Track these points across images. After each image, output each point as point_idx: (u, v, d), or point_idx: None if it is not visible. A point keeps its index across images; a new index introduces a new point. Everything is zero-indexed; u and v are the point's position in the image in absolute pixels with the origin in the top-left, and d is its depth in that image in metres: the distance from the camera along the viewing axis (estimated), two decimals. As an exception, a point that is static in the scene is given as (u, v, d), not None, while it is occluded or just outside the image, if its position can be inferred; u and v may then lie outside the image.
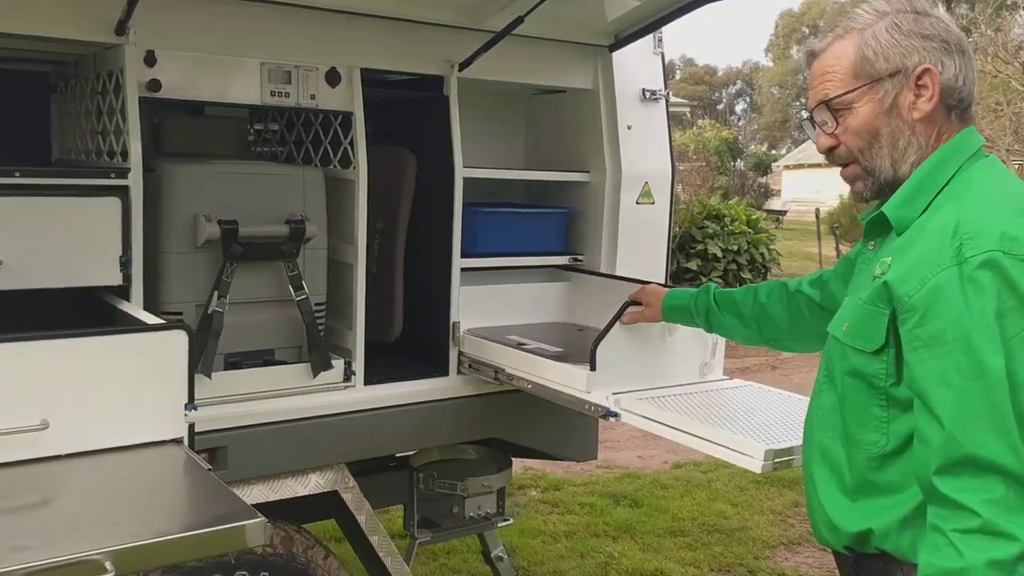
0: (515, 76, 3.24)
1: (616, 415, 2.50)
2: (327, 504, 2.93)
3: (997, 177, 1.65)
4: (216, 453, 2.57)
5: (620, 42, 3.30)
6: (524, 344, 2.95)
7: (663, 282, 3.42)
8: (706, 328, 2.48)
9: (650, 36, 3.39)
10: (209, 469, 1.89)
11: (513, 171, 3.44)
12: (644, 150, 3.38)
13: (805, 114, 1.80)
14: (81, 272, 2.39)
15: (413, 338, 3.17)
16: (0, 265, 2.26)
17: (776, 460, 2.14)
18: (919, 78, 1.63)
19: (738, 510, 5.39)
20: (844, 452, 1.68)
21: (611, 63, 3.33)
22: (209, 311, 2.56)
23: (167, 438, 2.02)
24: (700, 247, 13.95)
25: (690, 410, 2.46)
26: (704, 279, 13.82)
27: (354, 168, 2.82)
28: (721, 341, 2.80)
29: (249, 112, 3.24)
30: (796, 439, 2.24)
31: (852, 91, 1.67)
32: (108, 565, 1.47)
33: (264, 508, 2.69)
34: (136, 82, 2.45)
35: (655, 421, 2.40)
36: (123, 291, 2.47)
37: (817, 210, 17.09)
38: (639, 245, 3.39)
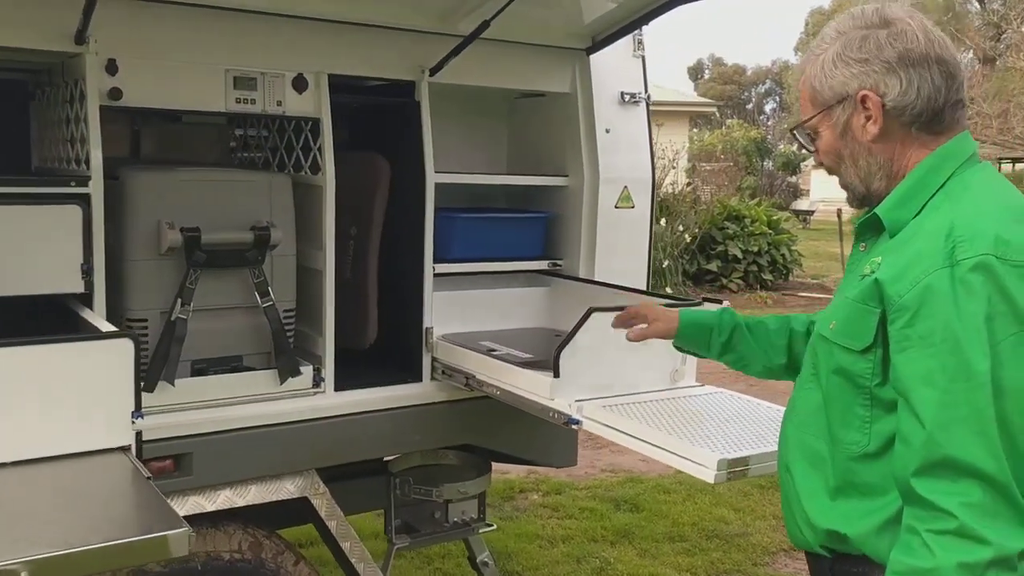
0: (492, 80, 3.22)
1: (578, 422, 2.48)
2: (303, 509, 2.93)
3: (994, 183, 1.64)
4: (180, 460, 2.58)
5: (597, 45, 3.27)
6: (494, 350, 2.93)
7: (644, 287, 3.39)
8: (717, 353, 2.14)
9: (630, 38, 3.37)
10: (149, 478, 1.89)
11: (487, 175, 3.42)
12: (623, 154, 3.34)
13: None
14: (43, 280, 2.40)
15: (388, 344, 3.16)
16: None
17: (730, 470, 2.11)
18: (863, 102, 1.64)
19: (740, 515, 5.33)
20: (828, 451, 1.67)
21: (588, 66, 3.30)
22: (172, 318, 2.57)
23: (113, 446, 2.02)
24: (720, 248, 13.87)
25: (652, 418, 2.43)
26: (724, 280, 13.73)
27: (323, 174, 2.82)
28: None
29: (228, 119, 3.25)
30: (755, 448, 2.21)
31: (812, 118, 1.71)
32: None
33: (236, 513, 2.74)
34: (97, 91, 2.46)
35: (613, 428, 2.38)
36: (87, 299, 2.48)
37: (839, 211, 16.82)
38: (619, 249, 3.36)
